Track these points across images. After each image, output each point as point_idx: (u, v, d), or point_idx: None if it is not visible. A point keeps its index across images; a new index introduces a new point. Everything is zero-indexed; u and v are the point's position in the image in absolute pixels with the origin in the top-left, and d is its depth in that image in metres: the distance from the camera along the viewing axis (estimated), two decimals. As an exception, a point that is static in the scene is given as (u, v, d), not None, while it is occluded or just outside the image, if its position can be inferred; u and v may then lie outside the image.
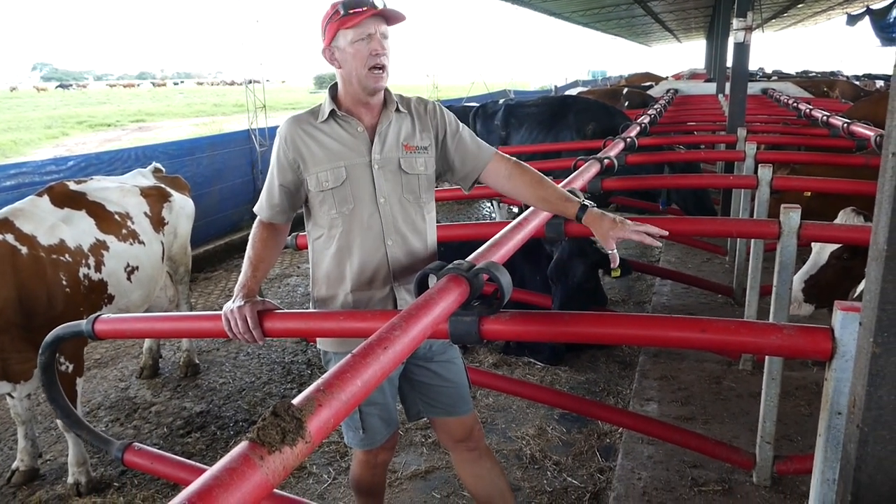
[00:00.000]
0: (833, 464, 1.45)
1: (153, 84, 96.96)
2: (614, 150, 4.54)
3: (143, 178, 4.74)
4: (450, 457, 3.52)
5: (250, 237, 2.25)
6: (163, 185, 4.68)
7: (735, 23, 7.11)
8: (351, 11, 2.05)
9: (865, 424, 1.14)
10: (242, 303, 2.04)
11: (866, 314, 1.15)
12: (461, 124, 2.36)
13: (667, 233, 2.10)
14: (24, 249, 3.38)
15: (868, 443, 1.15)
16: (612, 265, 2.27)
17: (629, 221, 2.11)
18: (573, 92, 17.40)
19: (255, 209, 2.27)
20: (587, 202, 2.18)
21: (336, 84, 2.22)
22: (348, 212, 2.16)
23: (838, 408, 1.45)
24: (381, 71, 2.09)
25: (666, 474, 3.15)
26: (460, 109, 11.75)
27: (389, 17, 2.11)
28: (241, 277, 2.16)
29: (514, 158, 2.35)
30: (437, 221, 2.46)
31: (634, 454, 3.32)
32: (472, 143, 2.32)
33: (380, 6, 2.07)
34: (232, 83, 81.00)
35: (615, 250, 2.15)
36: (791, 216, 2.78)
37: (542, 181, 2.26)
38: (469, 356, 4.78)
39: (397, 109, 2.22)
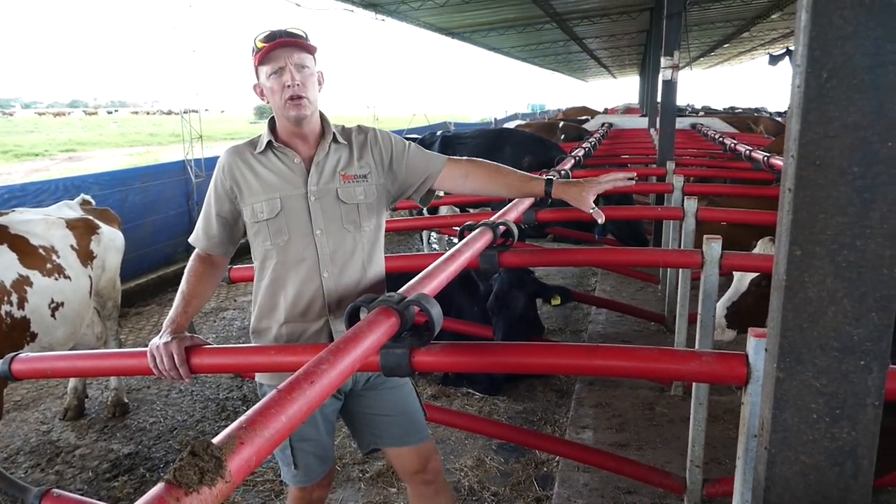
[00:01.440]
0: (750, 485, 1.50)
1: (85, 112, 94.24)
2: (548, 182, 4.64)
3: (70, 210, 4.59)
4: (389, 492, 3.50)
5: (186, 270, 2.21)
6: (90, 217, 4.54)
7: (663, 61, 7.42)
8: (261, 46, 2.05)
9: (772, 446, 1.20)
10: (169, 339, 2.00)
11: (771, 340, 1.21)
12: (409, 142, 2.38)
13: (634, 174, 2.32)
14: None
15: (776, 464, 1.20)
16: (598, 221, 2.35)
17: (593, 179, 2.23)
18: (512, 125, 17.79)
19: (191, 240, 2.23)
20: (550, 176, 2.29)
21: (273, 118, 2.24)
22: (283, 243, 2.14)
23: (753, 431, 1.51)
24: (298, 100, 2.07)
25: (601, 501, 3.19)
26: (400, 141, 11.87)
27: (301, 46, 2.07)
28: (171, 312, 2.12)
29: (466, 158, 2.39)
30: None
31: (570, 482, 3.35)
32: (421, 155, 2.34)
33: (287, 36, 2.06)
34: (169, 112, 79.61)
35: (594, 209, 2.29)
36: (713, 246, 2.90)
37: (500, 168, 2.33)
38: (408, 388, 4.76)
39: (335, 139, 2.21)
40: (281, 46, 2.04)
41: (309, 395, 1.28)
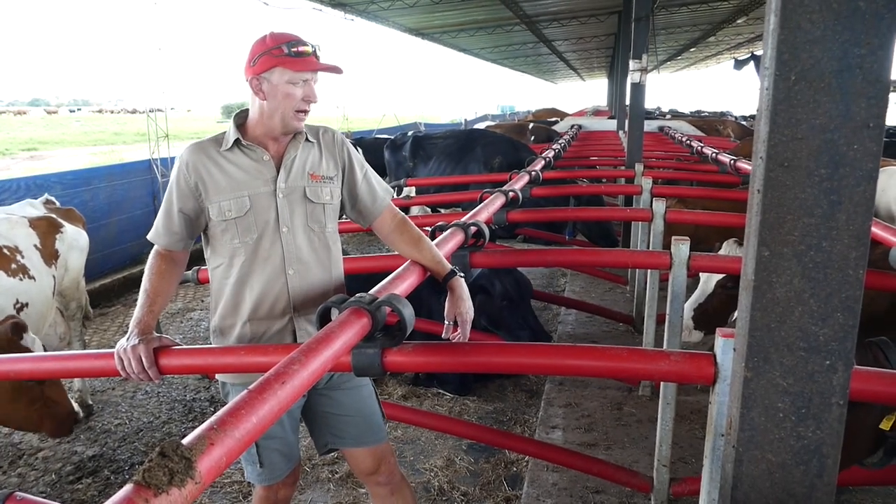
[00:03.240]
0: (717, 484, 1.53)
1: (46, 111, 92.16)
2: (519, 182, 4.67)
3: (33, 208, 4.49)
4: (358, 493, 3.48)
5: (147, 269, 2.16)
6: (54, 216, 4.45)
7: (631, 64, 7.51)
8: (294, 52, 2.04)
9: (740, 445, 1.22)
10: (137, 340, 1.96)
11: (739, 340, 1.23)
12: (367, 165, 2.38)
13: (460, 338, 2.19)
14: None
15: (743, 462, 1.22)
16: (443, 334, 2.23)
17: (470, 315, 2.19)
18: (482, 126, 17.85)
19: (150, 237, 2.18)
20: (456, 270, 2.27)
21: (244, 112, 2.19)
22: (251, 241, 2.13)
23: (721, 430, 1.53)
24: (305, 114, 2.12)
25: (570, 501, 3.21)
26: (371, 141, 11.84)
27: (329, 71, 2.14)
28: (136, 312, 2.07)
29: (402, 214, 2.39)
30: (346, 254, 2.45)
31: (539, 482, 3.37)
32: (378, 185, 2.36)
33: (321, 59, 2.10)
34: (134, 111, 78.18)
35: (451, 323, 2.19)
36: (681, 248, 2.94)
37: (421, 241, 2.30)
38: (378, 388, 4.73)
39: (306, 139, 2.21)
40: (317, 69, 2.09)
41: (280, 395, 1.27)
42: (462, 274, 2.27)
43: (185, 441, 1.05)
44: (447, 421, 3.64)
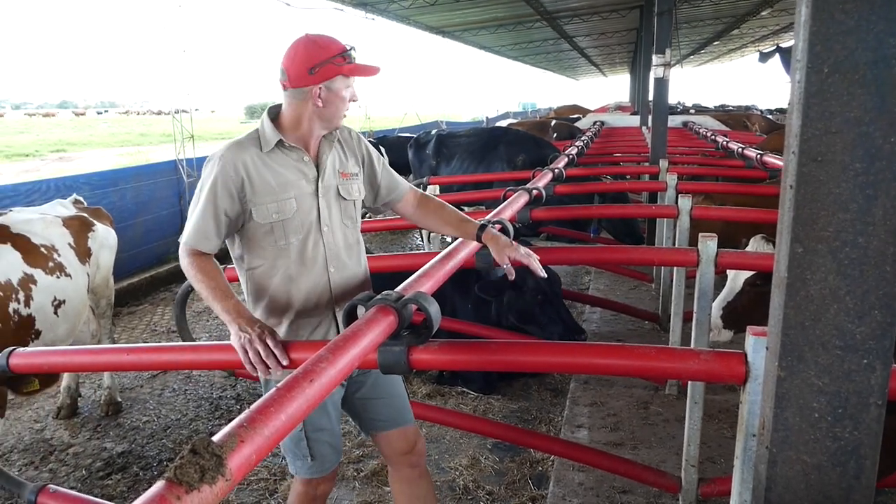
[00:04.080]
0: (749, 485, 1.50)
1: (74, 113, 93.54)
2: (543, 180, 4.64)
3: (64, 208, 4.58)
4: (383, 491, 3.49)
5: (199, 271, 2.08)
6: (85, 215, 4.53)
7: (655, 59, 7.44)
8: (352, 59, 2.11)
9: (774, 446, 1.19)
10: (258, 330, 1.93)
11: (771, 339, 1.21)
12: (383, 156, 2.48)
13: (543, 274, 2.26)
14: None
15: (777, 464, 1.20)
16: (509, 278, 2.35)
17: (521, 247, 2.28)
18: (504, 123, 17.79)
19: (191, 242, 2.10)
20: (483, 221, 2.41)
21: (278, 113, 2.20)
22: (297, 242, 2.17)
23: (752, 430, 1.51)
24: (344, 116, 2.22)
25: (596, 500, 3.19)
26: (394, 140, 11.87)
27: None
28: (224, 305, 2.01)
29: (420, 191, 2.54)
30: (369, 252, 2.48)
31: (566, 481, 3.35)
32: (394, 174, 2.48)
33: (365, 62, 2.18)
34: (159, 112, 79.14)
35: (509, 265, 2.27)
36: (708, 245, 2.90)
37: (444, 207, 2.46)
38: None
39: (335, 139, 2.28)
40: (374, 73, 2.18)
41: (308, 393, 1.28)
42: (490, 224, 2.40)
43: (215, 438, 1.06)
44: (472, 420, 3.63)
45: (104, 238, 4.53)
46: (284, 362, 1.90)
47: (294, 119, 2.16)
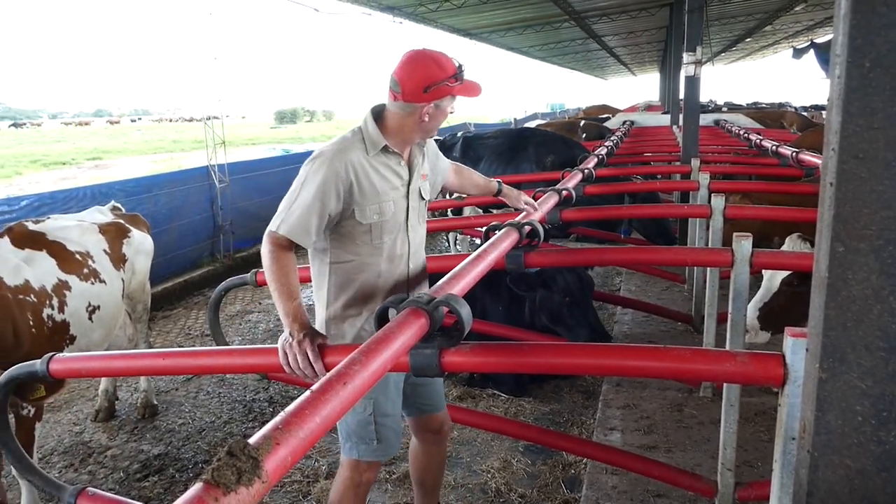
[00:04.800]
0: (788, 490, 1.47)
1: (109, 122, 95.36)
2: (572, 181, 4.61)
3: (101, 215, 4.67)
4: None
5: (274, 264, 2.15)
6: (121, 221, 4.62)
7: (685, 57, 7.35)
8: (464, 79, 2.23)
9: (815, 450, 1.17)
10: (301, 335, 1.96)
11: (812, 340, 1.18)
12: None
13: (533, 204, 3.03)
14: None
15: (819, 468, 1.17)
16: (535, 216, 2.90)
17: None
18: (532, 124, 17.71)
19: (292, 234, 2.17)
20: (499, 181, 3.00)
21: (380, 114, 2.30)
22: (389, 241, 2.32)
23: (792, 433, 1.47)
24: None
25: None
26: (421, 143, 11.86)
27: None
28: (284, 307, 2.07)
29: (451, 161, 2.86)
30: None
31: (599, 485, 3.32)
32: (442, 157, 2.73)
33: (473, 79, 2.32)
34: (191, 119, 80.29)
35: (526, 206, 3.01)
36: (743, 244, 2.85)
37: (470, 170, 2.95)
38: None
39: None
40: (479, 94, 2.34)
41: (342, 396, 1.28)
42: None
43: (251, 441, 1.07)
44: (504, 422, 3.62)
45: (140, 244, 4.61)
46: (317, 371, 1.93)
47: (398, 127, 2.28)
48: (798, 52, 21.39)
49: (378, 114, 2.30)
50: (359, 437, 2.42)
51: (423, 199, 2.46)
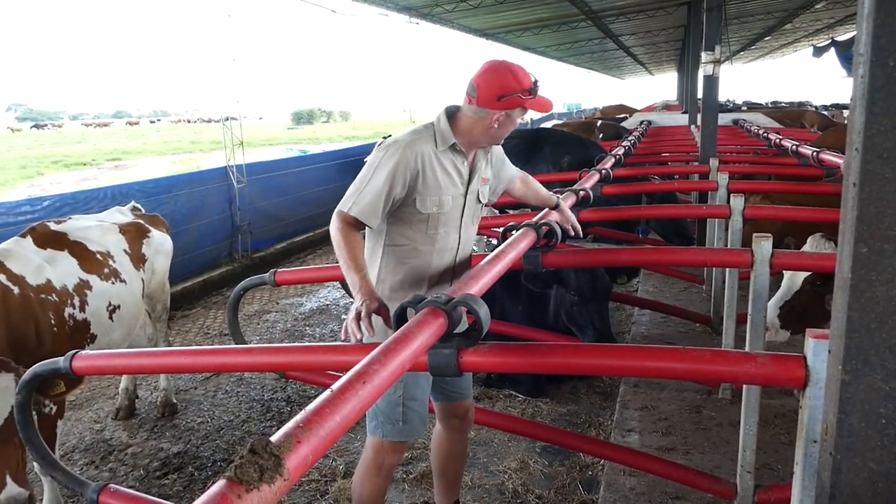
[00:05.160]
0: (810, 492, 1.46)
1: (128, 123, 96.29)
2: (590, 181, 4.60)
3: (121, 215, 4.73)
4: (433, 493, 3.50)
5: (343, 239, 2.25)
6: (141, 222, 4.66)
7: (703, 56, 7.30)
8: (536, 94, 2.35)
9: (838, 452, 1.16)
10: (361, 301, 2.07)
11: (834, 342, 1.17)
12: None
13: (579, 231, 3.04)
14: (15, 289, 3.37)
15: (841, 471, 1.16)
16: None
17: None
18: (549, 124, 17.66)
19: (362, 216, 2.28)
20: (559, 197, 3.08)
21: (455, 117, 2.43)
22: (443, 233, 2.44)
23: (813, 436, 1.46)
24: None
25: (649, 505, 3.14)
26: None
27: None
28: (355, 277, 2.17)
29: (522, 172, 2.97)
30: None
31: (616, 486, 3.31)
32: (509, 164, 2.85)
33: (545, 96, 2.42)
34: (209, 120, 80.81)
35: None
36: (763, 245, 2.83)
37: (535, 182, 3.05)
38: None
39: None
40: (549, 110, 2.50)
41: (361, 395, 1.29)
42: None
43: (273, 439, 1.08)
44: (521, 423, 3.61)
45: (159, 244, 4.66)
46: (366, 335, 2.01)
47: (468, 129, 2.40)
48: (818, 51, 21.16)
49: (451, 113, 2.44)
50: (385, 416, 2.51)
51: (479, 201, 2.57)
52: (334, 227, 2.29)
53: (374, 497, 2.63)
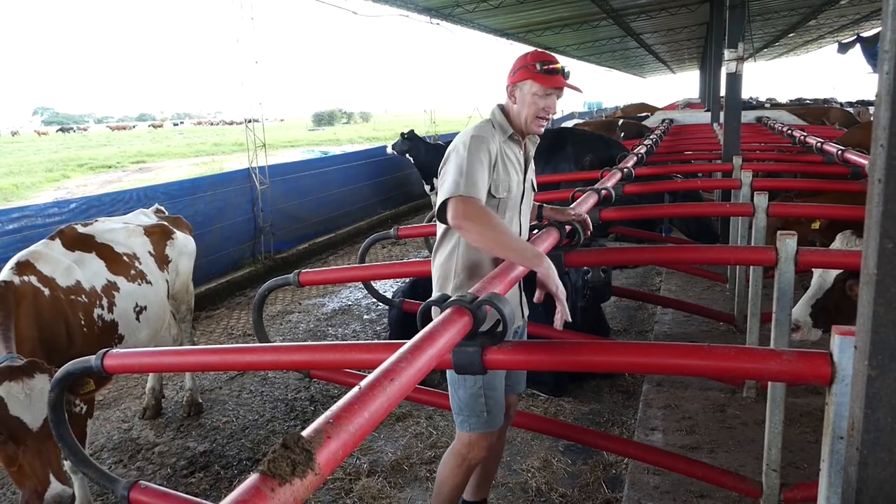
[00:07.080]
0: (837, 489, 1.45)
1: (152, 125, 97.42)
2: (612, 180, 4.59)
3: (146, 217, 4.80)
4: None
5: (490, 218, 2.32)
6: (165, 223, 4.73)
7: (727, 54, 7.24)
8: (545, 70, 2.47)
9: (865, 447, 1.16)
10: (546, 264, 2.28)
11: (860, 338, 1.17)
12: None
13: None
14: (46, 291, 3.44)
15: (868, 466, 1.16)
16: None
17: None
18: (569, 124, 17.60)
19: (472, 192, 2.33)
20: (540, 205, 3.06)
21: (503, 108, 2.61)
22: (509, 218, 2.57)
23: (840, 432, 1.46)
24: (543, 122, 2.57)
25: (673, 504, 3.13)
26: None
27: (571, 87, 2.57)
28: (517, 244, 2.31)
29: None
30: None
31: (640, 485, 3.30)
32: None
33: (567, 79, 2.53)
34: (231, 122, 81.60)
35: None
36: (788, 243, 2.81)
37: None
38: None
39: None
40: (561, 86, 2.52)
41: (389, 392, 1.31)
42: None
43: (304, 433, 1.10)
44: (544, 421, 3.62)
45: (183, 246, 4.73)
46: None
47: (512, 116, 2.59)
48: (843, 47, 20.88)
49: (502, 106, 2.62)
50: (470, 409, 2.58)
51: (533, 189, 2.74)
52: (465, 215, 2.29)
53: (455, 491, 2.72)
